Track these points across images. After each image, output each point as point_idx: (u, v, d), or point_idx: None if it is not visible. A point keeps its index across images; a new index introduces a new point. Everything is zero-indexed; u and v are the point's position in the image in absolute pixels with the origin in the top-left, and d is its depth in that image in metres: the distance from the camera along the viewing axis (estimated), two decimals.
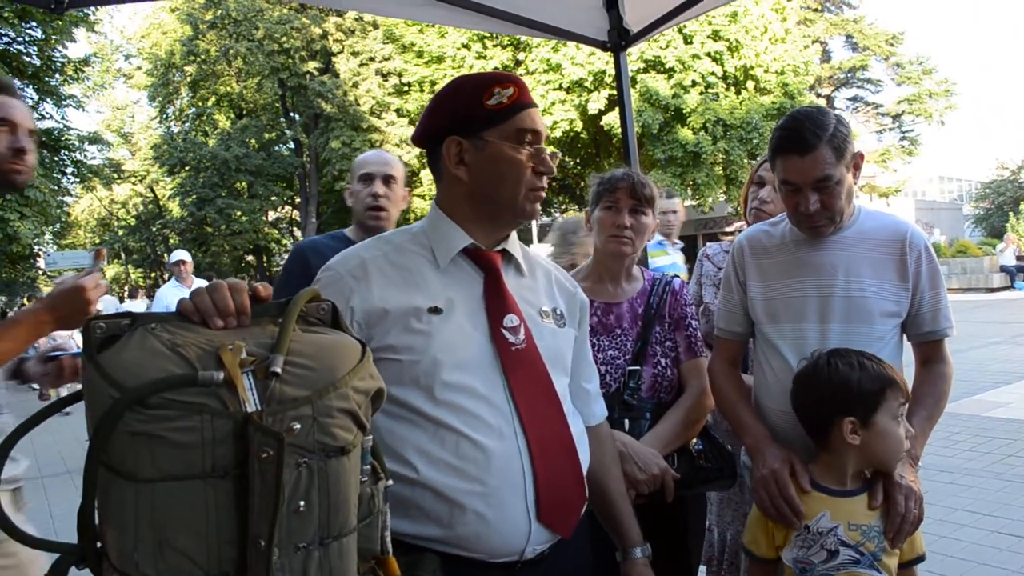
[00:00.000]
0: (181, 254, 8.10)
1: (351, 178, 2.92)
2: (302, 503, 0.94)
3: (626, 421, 2.18)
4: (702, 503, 2.44)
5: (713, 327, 2.32)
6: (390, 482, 1.14)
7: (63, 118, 23.44)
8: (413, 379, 1.44)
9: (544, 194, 1.60)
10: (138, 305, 19.13)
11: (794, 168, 1.92)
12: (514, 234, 1.68)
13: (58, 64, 21.49)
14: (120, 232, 40.37)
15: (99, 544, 0.95)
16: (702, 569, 2.70)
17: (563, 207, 30.57)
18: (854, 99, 37.53)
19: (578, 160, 27.67)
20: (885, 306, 1.98)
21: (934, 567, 3.81)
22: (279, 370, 0.94)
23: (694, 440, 2.26)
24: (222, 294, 1.02)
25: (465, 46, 25.13)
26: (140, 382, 0.89)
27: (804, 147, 1.88)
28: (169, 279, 8.58)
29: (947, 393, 2.03)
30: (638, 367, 2.24)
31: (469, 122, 1.53)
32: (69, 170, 23.87)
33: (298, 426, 0.93)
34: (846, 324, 1.98)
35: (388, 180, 2.81)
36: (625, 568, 1.78)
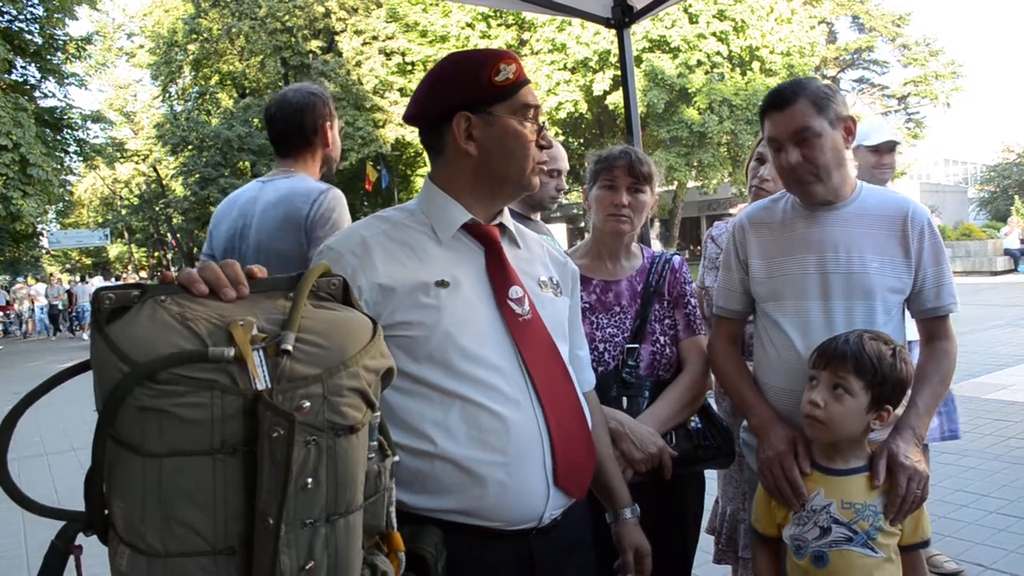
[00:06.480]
0: None
1: None
2: (310, 480, 0.94)
3: (624, 399, 2.18)
4: (700, 481, 2.44)
5: (712, 309, 2.33)
6: (397, 458, 1.14)
7: (65, 96, 23.45)
8: (427, 354, 1.45)
9: (546, 167, 1.64)
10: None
11: (774, 124, 1.98)
12: (506, 208, 1.70)
13: (60, 42, 21.43)
14: (123, 211, 40.36)
15: (106, 511, 0.94)
16: (708, 540, 2.72)
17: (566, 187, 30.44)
18: (860, 80, 37.31)
19: (582, 141, 27.53)
20: (887, 282, 1.98)
21: (934, 546, 3.83)
22: (290, 348, 0.93)
23: (692, 418, 2.26)
24: (212, 271, 1.00)
25: (469, 25, 24.96)
26: (150, 356, 0.88)
27: (782, 102, 1.96)
28: None
29: (951, 371, 2.02)
30: (636, 345, 2.24)
31: (478, 97, 1.54)
32: (72, 149, 23.88)
33: (308, 404, 0.93)
34: (848, 300, 1.97)
35: None
36: (616, 528, 1.82)
